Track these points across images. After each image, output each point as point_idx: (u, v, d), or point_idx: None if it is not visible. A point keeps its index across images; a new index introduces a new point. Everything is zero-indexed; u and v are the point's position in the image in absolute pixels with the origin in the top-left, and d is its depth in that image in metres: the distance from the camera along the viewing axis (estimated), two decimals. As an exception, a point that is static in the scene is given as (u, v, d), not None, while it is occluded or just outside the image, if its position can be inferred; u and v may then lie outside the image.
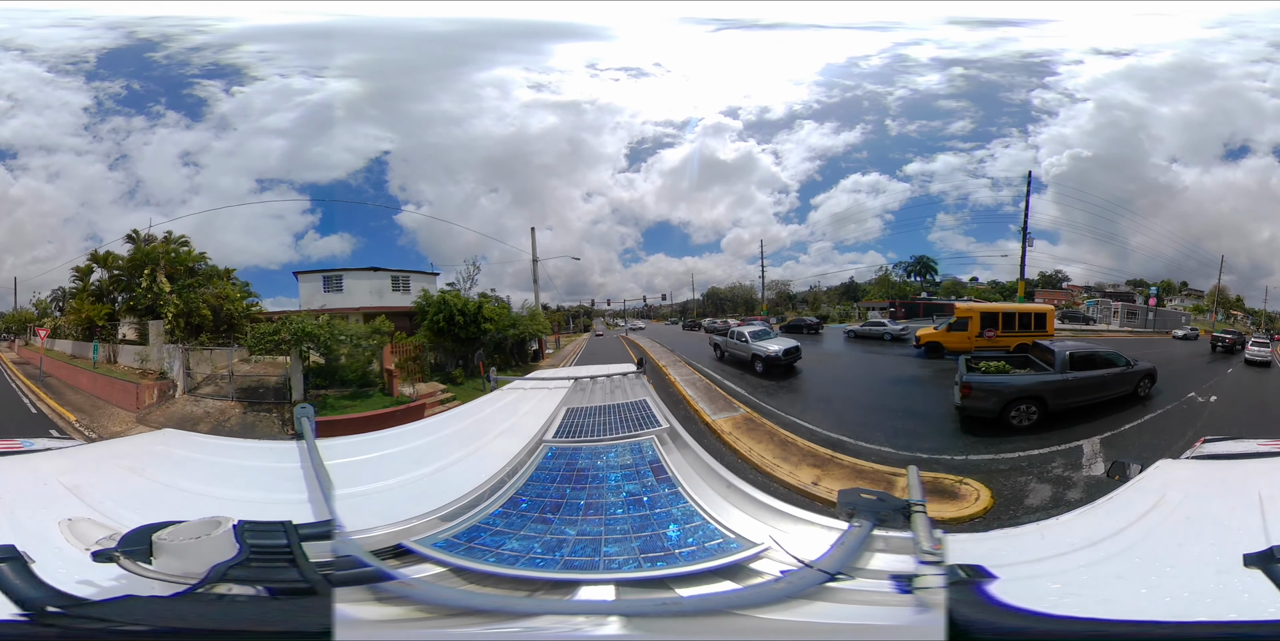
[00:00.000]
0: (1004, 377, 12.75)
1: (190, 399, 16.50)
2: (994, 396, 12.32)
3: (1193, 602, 1.77)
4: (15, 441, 4.06)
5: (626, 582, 2.09)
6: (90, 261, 21.71)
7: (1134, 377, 13.96)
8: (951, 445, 11.16)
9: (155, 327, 18.48)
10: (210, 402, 16.05)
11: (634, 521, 2.60)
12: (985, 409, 12.35)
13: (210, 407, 15.89)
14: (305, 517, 2.13)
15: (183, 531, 1.86)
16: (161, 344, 18.04)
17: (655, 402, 4.64)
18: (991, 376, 12.78)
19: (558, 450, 3.59)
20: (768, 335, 19.19)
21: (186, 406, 16.15)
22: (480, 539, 2.46)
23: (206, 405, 16.01)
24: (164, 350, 17.89)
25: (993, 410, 12.25)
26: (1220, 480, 3.09)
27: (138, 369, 18.28)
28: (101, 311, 20.66)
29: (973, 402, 12.41)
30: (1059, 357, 12.85)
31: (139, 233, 20.28)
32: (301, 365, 15.38)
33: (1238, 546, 1.94)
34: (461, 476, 3.08)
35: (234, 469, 3.45)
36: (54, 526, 2.14)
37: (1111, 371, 13.44)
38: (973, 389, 12.38)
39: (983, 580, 1.94)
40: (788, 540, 2.25)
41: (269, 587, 1.81)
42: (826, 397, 15.29)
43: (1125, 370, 13.70)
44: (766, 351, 17.76)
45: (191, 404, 16.26)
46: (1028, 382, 12.55)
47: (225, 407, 15.81)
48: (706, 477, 3.01)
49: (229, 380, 16.36)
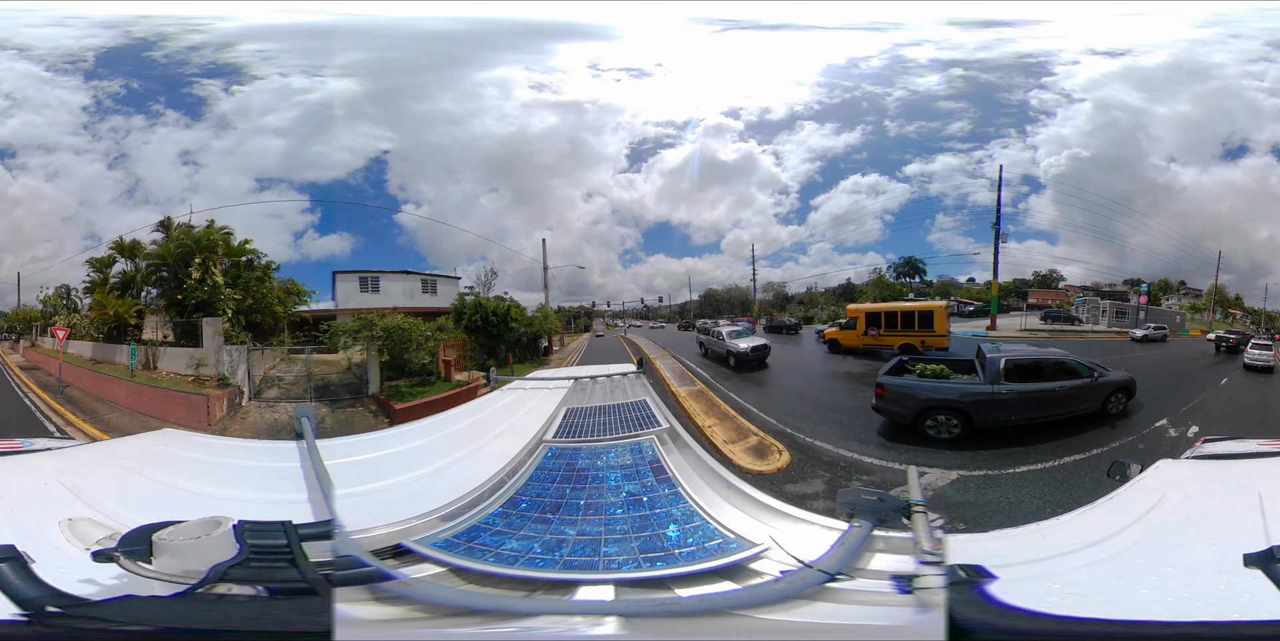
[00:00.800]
0: (919, 383, 11.44)
1: (259, 405, 15.57)
2: (907, 401, 11.05)
3: (1193, 602, 1.77)
4: (15, 441, 4.05)
5: (626, 582, 2.09)
6: (113, 251, 19.38)
7: (1100, 392, 11.57)
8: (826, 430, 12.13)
9: (212, 326, 16.27)
10: (286, 406, 15.37)
11: (634, 521, 2.60)
12: (898, 414, 11.20)
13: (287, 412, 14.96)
14: (305, 517, 2.13)
15: (183, 531, 1.86)
16: (220, 345, 16.08)
17: (655, 403, 4.64)
18: (905, 380, 11.57)
19: (558, 450, 3.59)
20: (743, 334, 20.30)
21: (264, 414, 15.14)
22: (480, 539, 2.46)
23: (282, 410, 15.21)
24: (226, 352, 15.96)
25: (905, 416, 11.03)
26: (1220, 480, 3.09)
27: (190, 375, 15.88)
28: (132, 307, 18.13)
29: (885, 405, 11.34)
30: (991, 366, 11.07)
31: (172, 220, 18.46)
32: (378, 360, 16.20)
33: (1238, 546, 1.94)
34: (461, 476, 3.08)
35: (234, 469, 3.45)
36: (54, 526, 2.14)
37: (1066, 384, 11.23)
38: (885, 390, 11.31)
39: (983, 580, 1.94)
40: (788, 540, 2.25)
41: (269, 587, 1.81)
42: (760, 382, 17.94)
43: (1087, 383, 11.40)
44: (737, 348, 19.32)
45: (265, 410, 15.30)
46: (944, 391, 11.03)
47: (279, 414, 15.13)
48: (706, 478, 3.01)
49: (306, 380, 16.23)
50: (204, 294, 16.45)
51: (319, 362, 16.86)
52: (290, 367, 17.17)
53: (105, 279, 19.45)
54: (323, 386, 16.40)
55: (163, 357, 16.82)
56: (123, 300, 18.42)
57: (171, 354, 16.68)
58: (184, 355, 16.32)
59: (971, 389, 11.03)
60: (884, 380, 11.51)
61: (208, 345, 16.10)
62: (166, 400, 14.56)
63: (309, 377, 16.38)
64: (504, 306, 19.74)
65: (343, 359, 16.73)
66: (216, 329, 16.24)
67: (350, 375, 16.74)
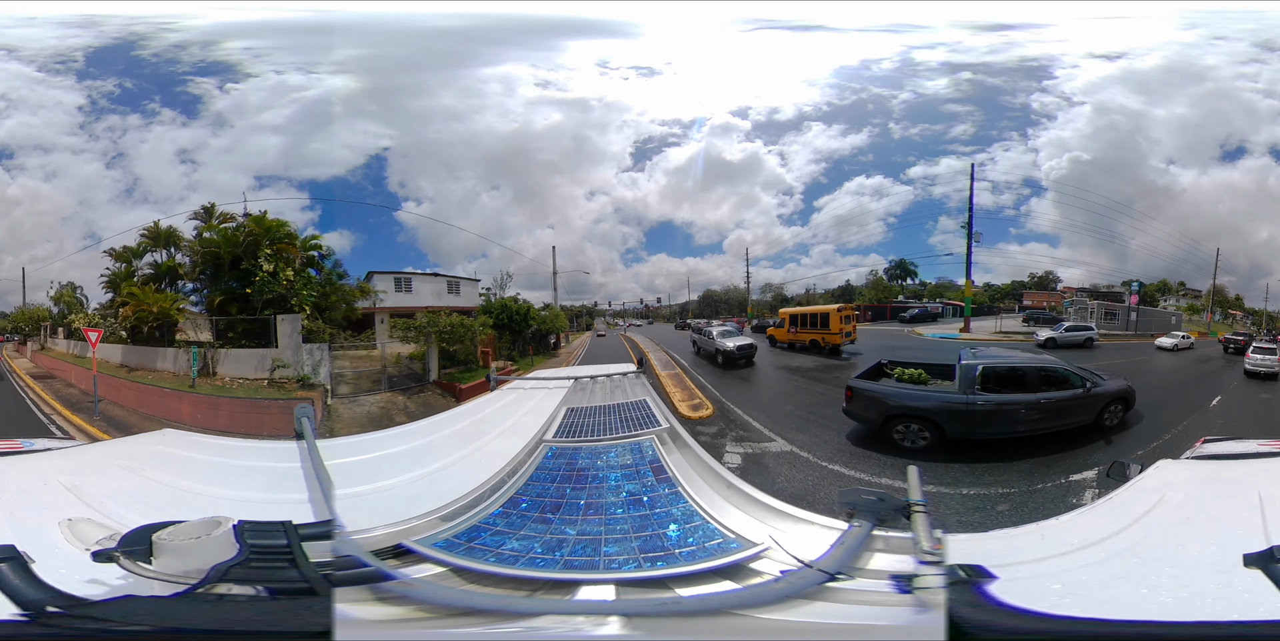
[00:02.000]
0: (886, 388, 10.89)
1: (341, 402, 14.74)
2: (874, 407, 10.48)
3: (1193, 602, 1.77)
4: (15, 441, 4.05)
5: (626, 582, 2.09)
6: (145, 239, 17.28)
7: (1094, 403, 10.44)
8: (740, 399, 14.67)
9: (290, 323, 14.82)
10: (367, 399, 14.95)
11: (634, 521, 2.60)
12: (866, 419, 10.69)
13: (372, 404, 14.73)
14: (305, 517, 2.13)
15: (183, 531, 1.86)
16: (299, 344, 14.75)
17: (655, 402, 4.64)
18: (874, 384, 11.02)
19: (558, 450, 3.59)
20: (731, 334, 20.90)
21: (354, 409, 14.50)
22: (480, 539, 2.46)
23: (365, 403, 14.75)
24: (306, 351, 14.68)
25: (873, 422, 10.53)
26: (1220, 480, 3.09)
27: (262, 378, 14.11)
28: (175, 302, 15.99)
29: (853, 408, 10.84)
30: (966, 373, 10.21)
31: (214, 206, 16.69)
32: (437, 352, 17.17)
33: (1238, 546, 1.94)
34: (461, 476, 3.08)
35: (234, 469, 3.45)
36: (54, 526, 2.14)
37: (1053, 396, 10.19)
38: (853, 393, 10.80)
39: (983, 580, 1.94)
40: (788, 540, 2.25)
41: (269, 587, 1.80)
42: (724, 372, 19.49)
43: (1080, 394, 10.32)
44: (724, 347, 20.02)
45: (352, 405, 14.63)
46: (913, 398, 10.36)
47: (386, 400, 15.06)
48: (706, 477, 3.01)
49: (382, 374, 16.23)
50: (281, 288, 15.02)
51: (362, 358, 16.89)
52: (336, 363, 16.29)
53: (130, 270, 17.35)
54: (388, 378, 16.56)
55: (225, 361, 14.73)
56: (161, 294, 16.10)
57: (236, 356, 14.73)
58: (253, 356, 14.58)
59: (943, 397, 10.23)
60: (854, 383, 10.96)
61: (284, 344, 14.59)
62: (257, 411, 12.31)
63: (384, 369, 16.49)
64: (524, 307, 22.18)
65: (390, 353, 17.18)
66: (295, 326, 14.81)
67: (401, 367, 17.31)
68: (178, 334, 16.10)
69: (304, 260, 16.28)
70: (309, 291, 15.46)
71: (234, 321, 15.21)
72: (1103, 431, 10.64)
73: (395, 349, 17.47)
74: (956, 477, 8.97)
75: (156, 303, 15.73)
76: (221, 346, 15.02)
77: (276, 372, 14.19)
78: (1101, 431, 10.62)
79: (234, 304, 15.37)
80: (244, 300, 15.23)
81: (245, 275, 15.27)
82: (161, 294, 16.17)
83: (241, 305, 15.29)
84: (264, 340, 14.85)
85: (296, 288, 15.27)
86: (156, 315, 15.68)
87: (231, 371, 14.60)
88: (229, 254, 15.59)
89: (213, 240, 16.10)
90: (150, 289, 16.39)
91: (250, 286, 15.08)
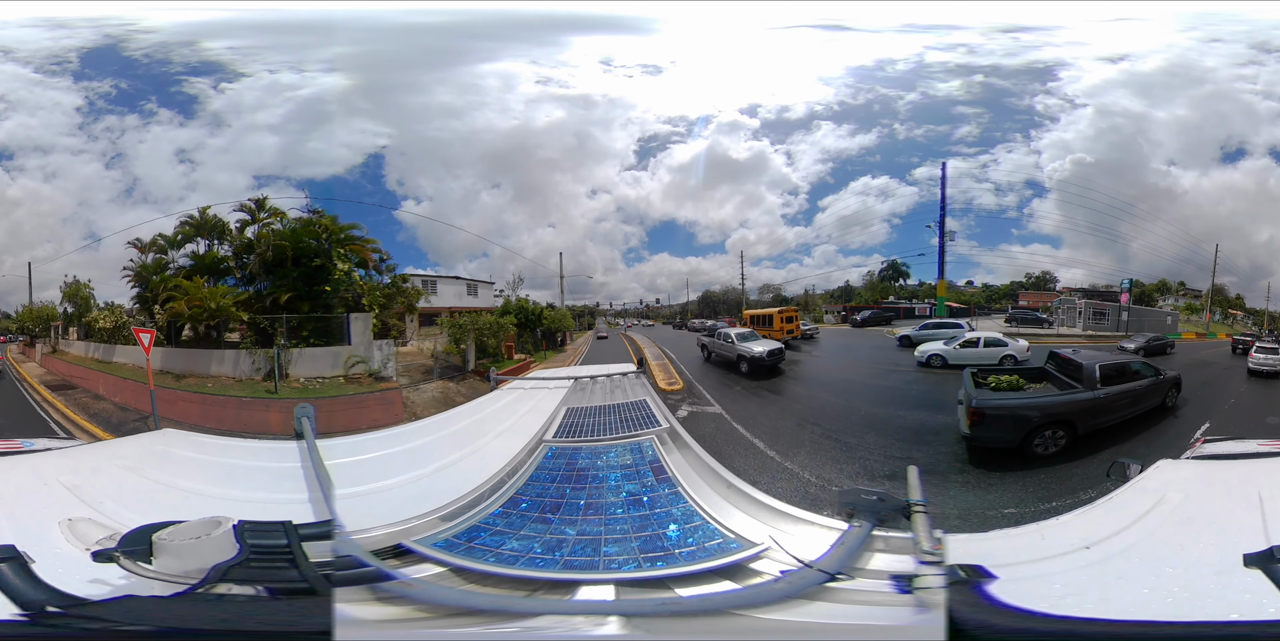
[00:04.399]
0: (1025, 399, 10.56)
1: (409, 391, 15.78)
2: (1012, 424, 9.84)
3: (1193, 602, 1.77)
4: (15, 441, 4.06)
5: (626, 582, 2.08)
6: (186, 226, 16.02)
7: (1163, 387, 12.16)
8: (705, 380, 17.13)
9: (362, 322, 15.31)
10: (425, 387, 15.85)
11: (634, 521, 2.60)
12: (1003, 439, 9.92)
13: (431, 391, 15.60)
14: (305, 517, 2.13)
15: (183, 531, 1.86)
16: (370, 341, 15.31)
17: (655, 402, 4.64)
18: (1009, 398, 10.55)
19: (558, 450, 3.58)
20: (751, 337, 18.93)
21: (421, 395, 15.45)
22: (480, 539, 2.46)
23: (425, 390, 15.65)
24: (381, 347, 15.35)
25: (1012, 440, 9.85)
26: (1220, 480, 3.09)
27: (337, 375, 14.15)
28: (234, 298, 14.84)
29: (985, 432, 9.86)
30: (1088, 372, 10.78)
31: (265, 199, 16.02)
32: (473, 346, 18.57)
33: (1238, 546, 1.93)
34: (461, 476, 3.08)
35: (234, 469, 3.45)
36: (54, 526, 2.14)
37: (1143, 383, 11.62)
38: (985, 416, 9.78)
39: (983, 580, 1.94)
40: (788, 540, 2.25)
41: (269, 587, 1.81)
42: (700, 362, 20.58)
43: (1156, 380, 11.90)
44: (751, 352, 17.53)
45: (416, 392, 15.51)
46: (1055, 403, 10.30)
47: (440, 387, 16.00)
48: (706, 477, 3.01)
49: (434, 365, 17.49)
50: (359, 288, 15.30)
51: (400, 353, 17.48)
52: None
53: (162, 262, 16.16)
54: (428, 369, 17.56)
55: (298, 361, 14.26)
56: (215, 288, 14.92)
57: (310, 355, 14.53)
58: (327, 355, 14.58)
59: (1077, 397, 10.50)
60: (982, 404, 9.90)
61: (357, 342, 14.96)
62: (356, 406, 12.52)
63: (436, 361, 17.64)
64: (538, 308, 24.24)
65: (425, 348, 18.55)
66: (367, 324, 15.26)
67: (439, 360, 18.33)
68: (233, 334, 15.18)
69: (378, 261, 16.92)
70: (381, 291, 16.09)
71: (305, 320, 14.96)
72: (1166, 410, 12.36)
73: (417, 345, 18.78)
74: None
75: (215, 298, 14.30)
76: (295, 346, 14.54)
77: (354, 368, 14.41)
78: (1166, 411, 12.35)
79: (305, 302, 15.00)
80: (310, 298, 15.00)
81: (312, 273, 15.03)
82: (215, 288, 14.91)
83: (311, 303, 15.02)
84: (329, 339, 14.90)
85: (368, 287, 15.71)
86: (210, 313, 14.32)
87: (306, 371, 14.39)
88: (292, 250, 15.16)
89: (284, 233, 15.57)
90: (200, 282, 15.04)
91: (329, 285, 15.07)
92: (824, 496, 8.59)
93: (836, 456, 10.71)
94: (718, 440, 11.53)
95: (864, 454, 10.84)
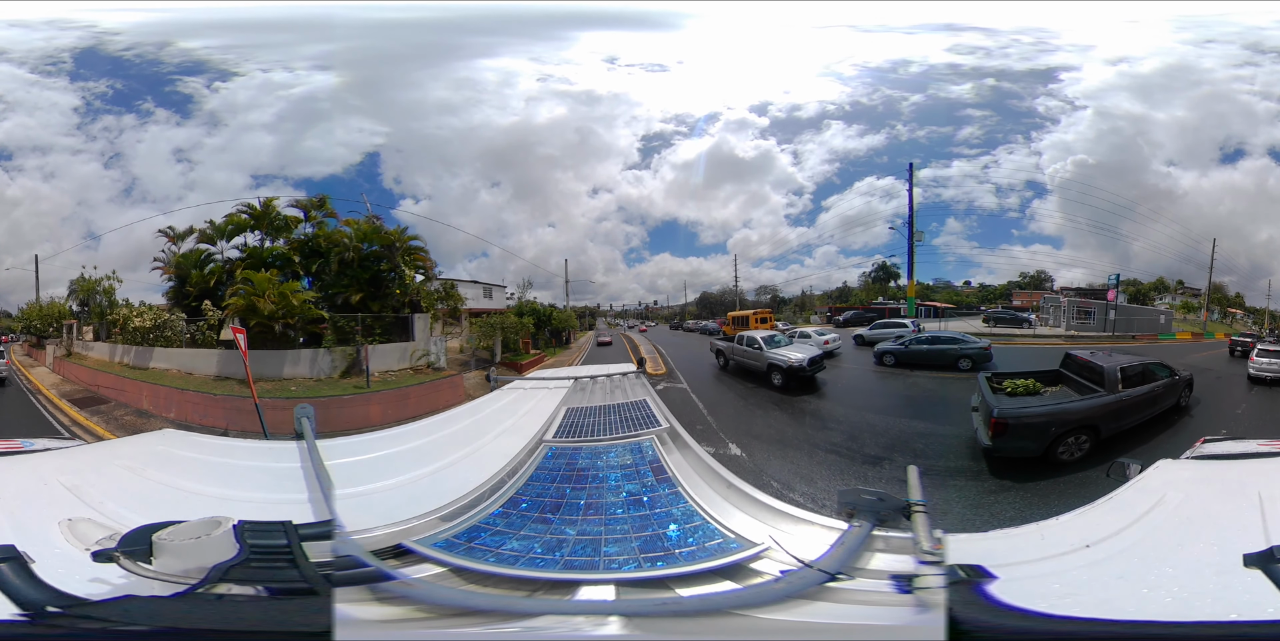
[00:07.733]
0: (1049, 405, 10.26)
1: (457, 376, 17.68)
2: (1035, 433, 9.48)
3: (1193, 602, 1.77)
4: (15, 441, 4.06)
5: (626, 582, 2.08)
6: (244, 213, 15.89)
7: (1179, 387, 12.13)
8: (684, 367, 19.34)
9: (423, 321, 17.62)
10: (465, 375, 17.23)
11: (634, 521, 2.60)
12: (1026, 448, 9.55)
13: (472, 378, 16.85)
14: (305, 517, 2.13)
15: (183, 531, 1.86)
16: (429, 337, 17.71)
17: (655, 402, 4.64)
18: (1031, 405, 10.22)
19: (558, 450, 3.58)
20: (786, 341, 16.31)
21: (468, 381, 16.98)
22: (480, 539, 2.46)
23: (468, 377, 17.08)
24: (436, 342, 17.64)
25: (1037, 449, 9.47)
26: (1220, 480, 3.09)
27: (405, 368, 16.22)
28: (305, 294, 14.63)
29: (1009, 442, 9.47)
30: (1109, 374, 10.53)
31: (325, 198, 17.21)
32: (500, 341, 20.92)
33: (1238, 546, 1.93)
34: (461, 476, 3.08)
35: (234, 469, 3.45)
36: (54, 526, 2.14)
37: (1161, 384, 11.52)
38: (1008, 427, 9.41)
39: (983, 580, 1.94)
40: (788, 540, 2.25)
41: (269, 587, 1.81)
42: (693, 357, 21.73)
43: (1173, 380, 11.80)
44: (788, 361, 14.27)
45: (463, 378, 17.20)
46: (1078, 410, 9.99)
47: (478, 374, 17.20)
48: (706, 477, 3.01)
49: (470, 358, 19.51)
50: (427, 293, 17.56)
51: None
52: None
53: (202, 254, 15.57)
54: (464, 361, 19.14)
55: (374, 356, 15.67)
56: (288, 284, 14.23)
57: (381, 351, 16.45)
58: (395, 350, 16.80)
59: (1100, 401, 10.30)
60: (1005, 414, 9.49)
61: (420, 338, 17.09)
62: (434, 391, 14.17)
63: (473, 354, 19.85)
64: (547, 309, 25.79)
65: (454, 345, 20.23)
66: (426, 324, 17.48)
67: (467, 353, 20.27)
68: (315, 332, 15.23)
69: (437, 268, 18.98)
70: (435, 295, 18.10)
71: (375, 319, 16.58)
72: (1180, 410, 12.42)
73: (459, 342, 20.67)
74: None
75: (286, 297, 13.26)
76: (371, 342, 15.99)
77: (419, 360, 16.89)
78: (1180, 411, 12.41)
79: (375, 303, 16.56)
80: (379, 299, 16.74)
81: (377, 275, 16.63)
82: (288, 284, 14.22)
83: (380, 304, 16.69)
84: (391, 335, 16.72)
85: (424, 292, 17.80)
86: (284, 311, 13.35)
87: (378, 365, 15.88)
88: (357, 251, 16.38)
89: (360, 235, 16.83)
90: (274, 275, 13.93)
91: (399, 287, 16.94)
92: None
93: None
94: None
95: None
